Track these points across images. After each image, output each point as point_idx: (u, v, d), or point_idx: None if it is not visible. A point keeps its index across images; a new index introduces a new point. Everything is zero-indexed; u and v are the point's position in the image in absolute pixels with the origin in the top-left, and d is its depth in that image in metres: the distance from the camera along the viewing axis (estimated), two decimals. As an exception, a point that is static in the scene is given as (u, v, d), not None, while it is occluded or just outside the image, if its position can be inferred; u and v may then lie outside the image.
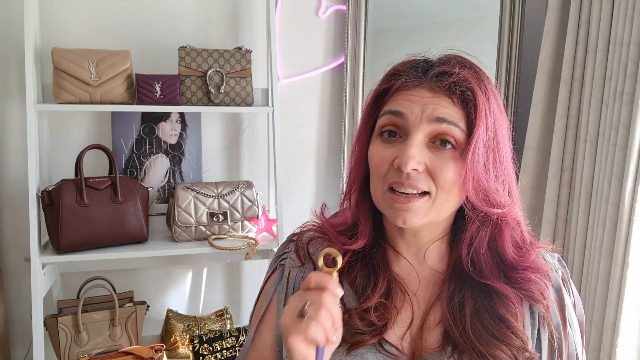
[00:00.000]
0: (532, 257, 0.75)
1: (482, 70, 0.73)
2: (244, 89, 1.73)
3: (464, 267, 0.74)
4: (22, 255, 1.78)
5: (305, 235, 0.83)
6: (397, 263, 0.78)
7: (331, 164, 2.07)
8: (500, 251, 0.74)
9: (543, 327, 0.73)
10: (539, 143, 1.74)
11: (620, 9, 1.43)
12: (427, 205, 0.69)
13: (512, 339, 0.69)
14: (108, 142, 1.81)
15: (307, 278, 0.63)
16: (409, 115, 0.68)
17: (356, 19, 1.92)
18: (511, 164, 0.74)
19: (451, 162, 0.68)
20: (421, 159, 0.67)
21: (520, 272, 0.73)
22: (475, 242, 0.74)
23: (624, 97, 1.40)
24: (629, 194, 1.37)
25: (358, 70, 1.93)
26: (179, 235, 1.72)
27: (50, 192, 1.56)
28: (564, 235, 1.69)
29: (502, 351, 0.68)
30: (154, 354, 1.59)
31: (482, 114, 0.68)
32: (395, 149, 0.69)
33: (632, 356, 1.43)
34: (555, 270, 0.78)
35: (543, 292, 0.73)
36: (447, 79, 0.68)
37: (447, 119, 0.67)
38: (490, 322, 0.70)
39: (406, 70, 0.72)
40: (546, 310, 0.73)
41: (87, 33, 1.77)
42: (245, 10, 1.90)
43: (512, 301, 0.71)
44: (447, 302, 0.73)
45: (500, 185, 0.71)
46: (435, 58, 0.74)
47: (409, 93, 0.70)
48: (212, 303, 2.03)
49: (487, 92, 0.70)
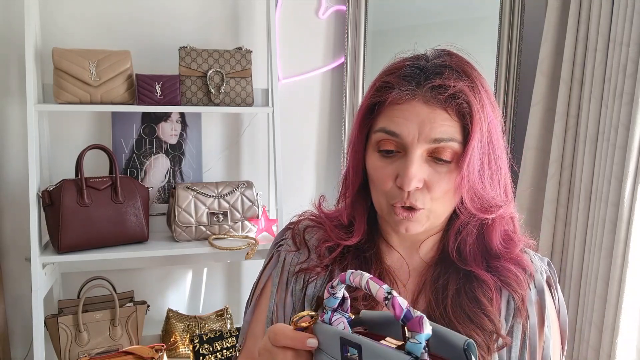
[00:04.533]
0: (517, 249, 0.76)
1: (473, 69, 0.72)
2: (244, 89, 1.73)
3: (449, 254, 0.77)
4: (22, 255, 1.78)
5: (302, 223, 0.85)
6: (389, 255, 0.79)
7: (331, 163, 2.07)
8: (487, 242, 0.76)
9: (517, 320, 0.74)
10: (539, 143, 1.74)
11: (620, 9, 1.43)
12: (425, 216, 0.71)
13: (484, 322, 0.70)
14: (108, 142, 1.82)
15: (274, 333, 0.57)
16: (406, 135, 0.68)
17: (356, 19, 1.92)
18: (506, 159, 0.75)
19: (447, 175, 0.69)
20: (421, 176, 0.68)
21: (500, 262, 0.75)
22: (463, 232, 0.76)
23: (624, 97, 1.40)
24: (628, 194, 1.38)
25: (358, 71, 1.94)
26: (179, 235, 1.73)
27: (51, 192, 1.57)
28: (563, 235, 1.69)
29: (477, 334, 0.70)
30: (154, 354, 1.59)
31: (478, 124, 0.68)
32: (395, 165, 0.70)
33: (632, 356, 1.43)
34: (540, 272, 0.78)
35: (519, 283, 0.74)
36: (443, 92, 0.67)
37: (444, 137, 0.67)
38: (468, 304, 0.72)
39: (398, 82, 0.69)
40: (521, 301, 0.74)
41: (87, 33, 1.77)
42: (245, 10, 1.90)
43: (490, 287, 0.73)
44: (430, 285, 0.75)
45: (496, 188, 0.72)
46: (426, 61, 0.72)
47: (404, 108, 0.68)
48: (212, 303, 2.03)
49: (481, 97, 0.69)
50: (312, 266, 0.78)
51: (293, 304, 0.79)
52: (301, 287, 0.79)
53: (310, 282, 0.78)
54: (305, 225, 0.84)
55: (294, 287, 0.79)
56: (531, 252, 0.81)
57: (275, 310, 0.79)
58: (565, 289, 1.66)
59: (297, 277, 0.79)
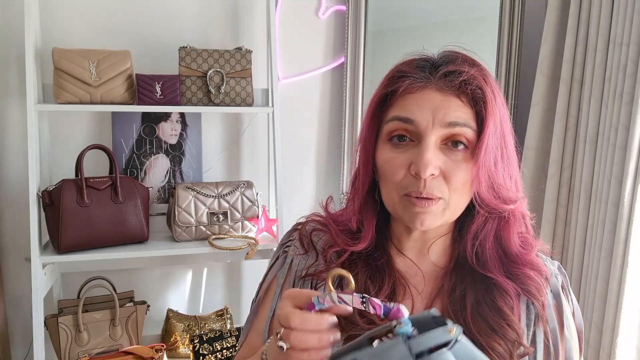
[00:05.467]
0: (534, 252, 0.75)
1: (484, 66, 0.72)
2: (244, 89, 1.73)
3: (468, 260, 0.74)
4: (22, 255, 1.78)
5: (309, 225, 0.83)
6: (400, 261, 0.78)
7: (331, 163, 2.07)
8: (505, 244, 0.74)
9: (538, 326, 0.73)
10: (539, 143, 1.74)
11: (620, 9, 1.43)
12: (442, 208, 0.69)
13: (507, 332, 0.69)
14: (108, 142, 1.81)
15: (285, 316, 0.56)
16: (420, 121, 0.67)
17: (356, 19, 1.92)
18: (516, 156, 0.74)
19: (463, 163, 0.68)
20: (436, 163, 0.67)
21: (520, 268, 0.73)
22: (481, 235, 0.74)
23: (624, 97, 1.40)
24: (628, 194, 1.38)
25: (358, 71, 1.94)
26: (179, 235, 1.73)
27: (51, 192, 1.57)
28: (563, 235, 1.69)
29: (499, 344, 0.68)
30: (154, 354, 1.59)
31: (491, 111, 0.68)
32: (408, 154, 0.68)
33: (632, 356, 1.43)
34: (555, 276, 0.78)
35: (539, 289, 0.73)
36: (457, 78, 0.67)
37: (459, 122, 0.67)
38: (489, 314, 0.70)
39: (412, 71, 0.69)
40: (542, 308, 0.73)
41: (87, 33, 1.77)
42: (245, 10, 1.90)
43: (510, 295, 0.72)
44: (448, 295, 0.74)
45: (509, 180, 0.72)
46: (437, 56, 0.72)
47: (417, 96, 0.68)
48: (212, 303, 2.03)
49: (493, 88, 0.70)
50: (319, 271, 0.77)
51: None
52: None
53: (319, 287, 0.77)
54: (312, 227, 0.82)
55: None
56: (543, 255, 0.80)
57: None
58: (565, 289, 1.66)
59: (305, 281, 0.78)
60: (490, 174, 0.68)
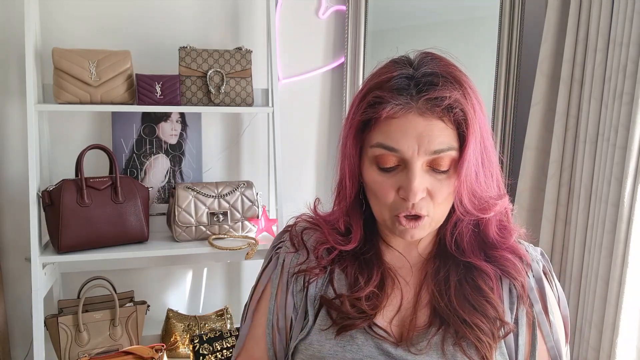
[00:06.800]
0: (513, 238, 0.79)
1: (460, 72, 0.72)
2: (244, 89, 1.73)
3: (447, 247, 0.78)
4: (22, 255, 1.78)
5: (300, 225, 0.86)
6: (388, 254, 0.81)
7: (331, 163, 2.07)
8: (484, 232, 0.78)
9: (521, 307, 0.76)
10: (539, 143, 1.74)
11: (620, 9, 1.43)
12: (429, 222, 0.73)
13: (487, 309, 0.72)
14: (108, 142, 1.82)
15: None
16: (405, 150, 0.68)
17: (356, 19, 1.92)
18: (494, 151, 0.75)
19: (447, 181, 0.71)
20: (424, 186, 0.70)
21: (498, 251, 0.77)
22: (460, 226, 0.77)
23: (624, 97, 1.40)
24: (628, 194, 1.38)
25: (358, 71, 1.94)
26: (179, 235, 1.73)
27: (51, 192, 1.57)
28: (563, 235, 1.69)
29: (482, 322, 0.72)
30: (154, 354, 1.59)
31: (472, 132, 0.69)
32: (396, 178, 0.71)
33: (632, 356, 1.43)
34: (536, 261, 0.80)
35: (517, 270, 0.76)
36: (439, 103, 0.67)
37: (443, 148, 0.68)
38: (470, 292, 0.74)
39: (391, 96, 0.68)
40: (522, 288, 0.76)
41: (87, 33, 1.77)
42: (245, 10, 1.90)
43: (490, 276, 0.75)
44: (432, 277, 0.77)
45: (490, 184, 0.74)
46: (414, 69, 0.70)
47: (400, 122, 0.68)
48: (212, 303, 2.03)
49: (473, 103, 0.70)
50: (311, 267, 0.79)
51: (294, 304, 0.79)
52: (301, 288, 0.79)
53: (311, 283, 0.79)
54: (302, 227, 0.85)
55: (294, 287, 0.80)
56: (525, 242, 0.83)
57: (275, 312, 0.80)
58: (565, 289, 1.66)
59: (297, 278, 0.80)
60: (471, 187, 0.71)
